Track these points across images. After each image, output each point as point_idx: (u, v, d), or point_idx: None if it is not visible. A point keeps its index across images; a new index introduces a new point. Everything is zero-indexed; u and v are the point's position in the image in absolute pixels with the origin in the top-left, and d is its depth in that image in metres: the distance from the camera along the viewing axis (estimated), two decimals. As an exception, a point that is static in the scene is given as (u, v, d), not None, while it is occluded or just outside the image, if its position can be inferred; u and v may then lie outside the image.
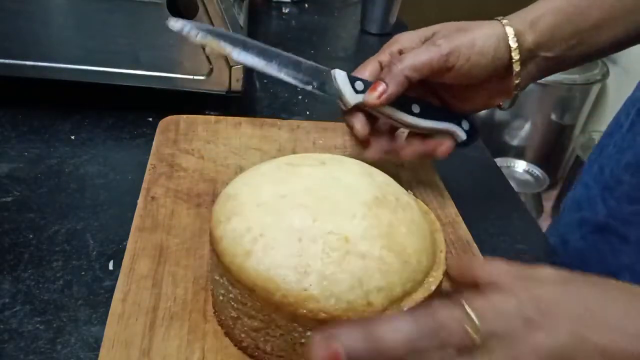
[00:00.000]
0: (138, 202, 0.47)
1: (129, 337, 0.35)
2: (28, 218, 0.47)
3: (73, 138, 0.59)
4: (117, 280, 0.39)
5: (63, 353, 0.37)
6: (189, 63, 0.60)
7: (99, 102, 0.64)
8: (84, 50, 0.58)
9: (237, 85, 0.62)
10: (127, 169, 0.55)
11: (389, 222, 0.34)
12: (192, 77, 0.61)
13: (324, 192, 0.35)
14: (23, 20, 0.56)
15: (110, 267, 0.44)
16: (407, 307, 0.33)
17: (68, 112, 0.62)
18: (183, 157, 0.53)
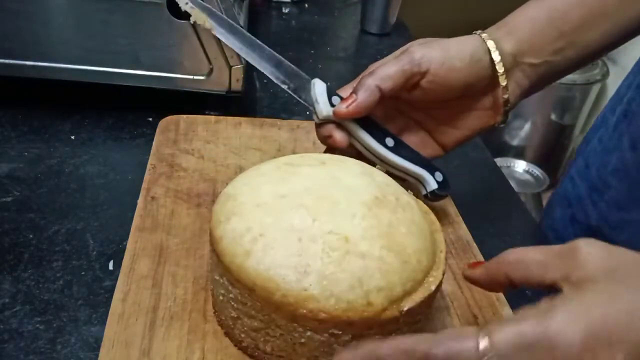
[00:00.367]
0: (138, 202, 0.47)
1: (129, 337, 0.35)
2: (28, 218, 0.47)
3: (73, 138, 0.59)
4: (117, 280, 0.39)
5: (63, 353, 0.37)
6: (189, 63, 0.60)
7: (99, 102, 0.64)
8: (84, 50, 0.58)
9: (237, 85, 0.62)
10: (127, 169, 0.55)
11: (389, 222, 0.34)
12: (192, 77, 0.61)
13: (324, 192, 0.35)
14: (23, 20, 0.56)
15: (110, 267, 0.44)
16: (407, 307, 0.33)
17: (68, 112, 0.62)
18: (183, 157, 0.53)
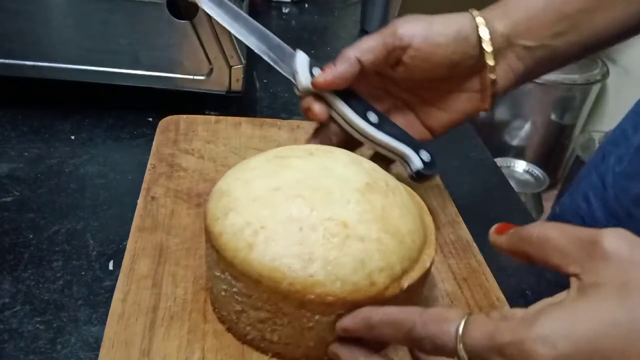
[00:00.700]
0: (138, 202, 0.47)
1: (129, 337, 0.35)
2: (28, 218, 0.47)
3: (73, 138, 0.59)
4: (117, 280, 0.39)
5: (63, 353, 0.37)
6: (189, 63, 0.60)
7: (99, 102, 0.64)
8: (84, 50, 0.58)
9: (237, 85, 0.62)
10: (127, 169, 0.55)
11: (382, 206, 0.35)
12: (192, 77, 0.61)
13: (317, 181, 0.36)
14: (23, 20, 0.56)
15: (110, 267, 0.44)
16: (406, 284, 0.34)
17: (68, 112, 0.62)
18: (183, 157, 0.53)
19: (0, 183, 0.51)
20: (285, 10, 1.05)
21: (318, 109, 0.43)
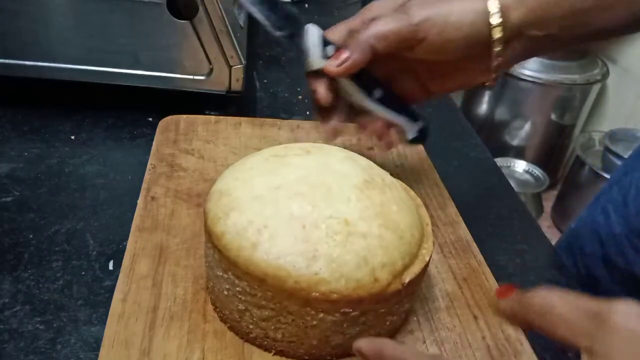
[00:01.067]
0: (138, 202, 0.47)
1: (129, 337, 0.35)
2: (28, 218, 0.47)
3: (73, 138, 0.59)
4: (117, 280, 0.39)
5: (63, 353, 0.37)
6: (189, 63, 0.60)
7: (99, 102, 0.64)
8: (84, 50, 0.58)
9: (237, 85, 0.62)
10: (127, 169, 0.55)
11: (381, 202, 0.36)
12: (192, 77, 0.61)
13: (316, 179, 0.36)
14: (23, 20, 0.56)
15: (110, 267, 0.44)
16: (408, 279, 0.35)
17: (68, 112, 0.62)
18: (183, 157, 0.53)
19: (0, 183, 0.51)
20: (285, 10, 1.05)
21: (323, 94, 0.43)
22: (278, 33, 0.43)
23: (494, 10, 0.40)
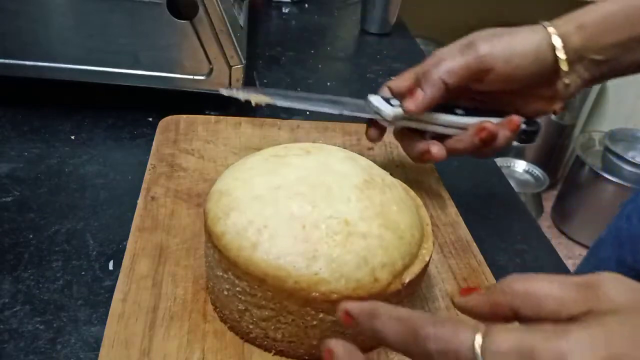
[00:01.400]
0: (138, 202, 0.47)
1: (129, 337, 0.35)
2: (28, 218, 0.47)
3: (73, 138, 0.59)
4: (117, 280, 0.39)
5: (63, 353, 0.37)
6: (189, 63, 0.60)
7: (99, 102, 0.64)
8: (84, 50, 0.58)
9: (237, 85, 0.62)
10: (127, 169, 0.55)
11: (381, 202, 0.36)
12: (192, 77, 0.61)
13: (316, 179, 0.36)
14: (23, 20, 0.56)
15: (110, 267, 0.44)
16: (408, 279, 0.35)
17: (68, 112, 0.62)
18: (183, 157, 0.53)
19: (0, 183, 0.51)
20: (285, 10, 1.05)
21: (374, 136, 0.49)
22: (347, 113, 0.47)
23: (555, 35, 0.43)
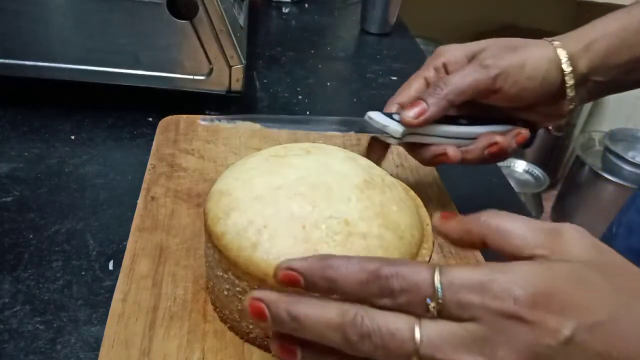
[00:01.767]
0: (138, 202, 0.47)
1: (129, 337, 0.35)
2: (28, 218, 0.47)
3: (73, 138, 0.59)
4: (117, 280, 0.39)
5: (63, 353, 0.37)
6: (189, 63, 0.60)
7: (99, 102, 0.64)
8: (84, 50, 0.58)
9: (237, 85, 0.62)
10: (127, 169, 0.55)
11: (381, 202, 0.36)
12: (192, 77, 0.61)
13: (317, 179, 0.36)
14: (23, 20, 0.56)
15: (110, 267, 0.44)
16: None
17: (68, 112, 0.62)
18: (183, 157, 0.53)
19: (0, 183, 0.51)
20: (285, 10, 1.05)
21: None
22: (351, 133, 0.46)
23: (564, 59, 0.43)
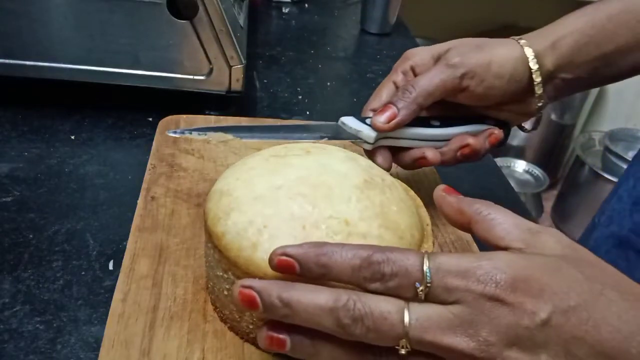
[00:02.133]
0: (138, 202, 0.47)
1: (129, 337, 0.35)
2: (28, 218, 0.47)
3: (73, 138, 0.59)
4: (117, 280, 0.39)
5: (63, 353, 0.37)
6: (189, 63, 0.60)
7: (99, 102, 0.64)
8: (84, 50, 0.58)
9: (237, 85, 0.62)
10: (127, 169, 0.55)
11: (381, 202, 0.36)
12: (192, 77, 0.61)
13: (317, 179, 0.36)
14: (23, 20, 0.56)
15: (110, 267, 0.44)
16: None
17: (68, 112, 0.62)
18: (183, 157, 0.53)
19: (0, 183, 0.51)
20: (285, 10, 1.05)
21: (382, 161, 0.45)
22: (324, 140, 0.45)
23: (531, 56, 0.43)
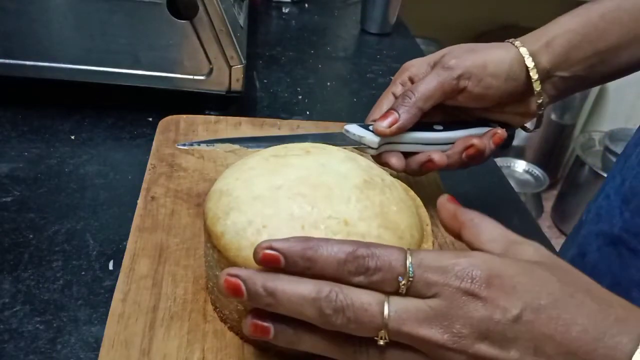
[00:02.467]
0: (138, 202, 0.47)
1: (129, 337, 0.35)
2: (28, 218, 0.47)
3: (73, 138, 0.59)
4: (117, 280, 0.39)
5: (63, 353, 0.37)
6: (189, 63, 0.60)
7: (99, 102, 0.64)
8: (84, 50, 0.58)
9: (237, 85, 0.62)
10: (127, 169, 0.55)
11: (380, 202, 0.36)
12: (192, 77, 0.61)
13: (317, 179, 0.36)
14: (23, 20, 0.56)
15: (110, 267, 0.44)
16: None
17: (68, 112, 0.62)
18: (183, 157, 0.53)
19: (0, 183, 0.51)
20: (285, 10, 1.05)
21: (395, 161, 0.46)
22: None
23: (526, 55, 0.44)
